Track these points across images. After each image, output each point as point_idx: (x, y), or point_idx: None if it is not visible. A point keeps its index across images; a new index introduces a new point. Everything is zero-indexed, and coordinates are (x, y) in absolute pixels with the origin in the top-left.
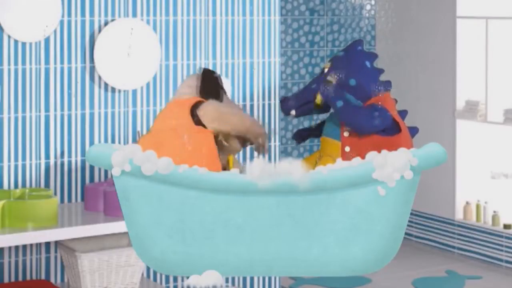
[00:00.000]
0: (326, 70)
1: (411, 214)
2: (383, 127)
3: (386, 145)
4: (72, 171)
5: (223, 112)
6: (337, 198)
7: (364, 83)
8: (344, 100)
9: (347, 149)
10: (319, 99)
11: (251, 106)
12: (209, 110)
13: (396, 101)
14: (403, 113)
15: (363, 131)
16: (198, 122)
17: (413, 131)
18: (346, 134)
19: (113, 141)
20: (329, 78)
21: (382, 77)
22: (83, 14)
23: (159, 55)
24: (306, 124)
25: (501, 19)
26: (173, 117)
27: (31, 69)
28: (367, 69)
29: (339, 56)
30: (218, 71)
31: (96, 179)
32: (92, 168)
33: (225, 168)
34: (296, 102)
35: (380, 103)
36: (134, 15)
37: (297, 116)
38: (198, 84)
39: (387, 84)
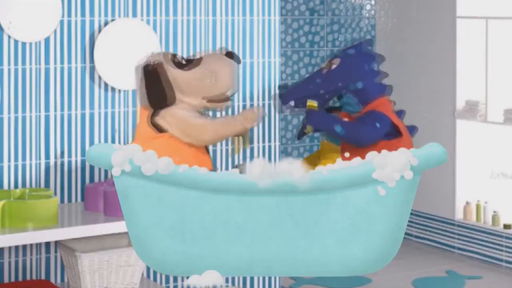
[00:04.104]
0: (334, 66)
1: (411, 214)
2: (385, 133)
3: (387, 149)
4: (72, 171)
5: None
6: (337, 198)
7: (369, 87)
8: (340, 123)
9: (347, 154)
10: (309, 129)
11: (251, 106)
12: (174, 125)
13: (394, 103)
14: (400, 113)
15: (367, 144)
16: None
17: (412, 130)
18: (347, 155)
19: (113, 141)
20: (309, 102)
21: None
22: (83, 14)
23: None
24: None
25: (501, 19)
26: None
27: (31, 69)
28: (373, 72)
29: (349, 54)
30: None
31: (96, 179)
32: (92, 168)
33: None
34: (296, 94)
35: (378, 108)
36: (134, 15)
37: (295, 107)
38: (142, 87)
39: (389, 89)
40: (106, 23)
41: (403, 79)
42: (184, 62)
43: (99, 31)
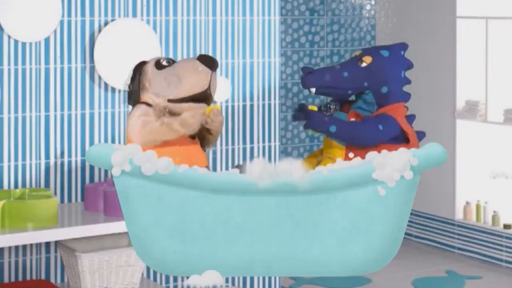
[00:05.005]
0: (364, 64)
1: (411, 214)
2: (390, 137)
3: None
4: (72, 171)
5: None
6: (337, 198)
7: (393, 92)
8: (336, 123)
9: (351, 155)
10: (308, 131)
11: (251, 106)
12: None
13: (407, 108)
14: (411, 118)
15: (368, 145)
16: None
17: (419, 135)
18: (351, 155)
19: (113, 141)
20: (310, 107)
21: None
22: (83, 14)
23: (159, 55)
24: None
25: (501, 19)
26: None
27: (31, 69)
28: (400, 79)
29: (384, 56)
30: (218, 71)
31: (96, 179)
32: (92, 168)
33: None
34: (321, 82)
35: (390, 112)
36: (134, 15)
37: (316, 94)
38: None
39: (407, 96)
40: (106, 23)
41: None
42: (165, 63)
43: (99, 31)
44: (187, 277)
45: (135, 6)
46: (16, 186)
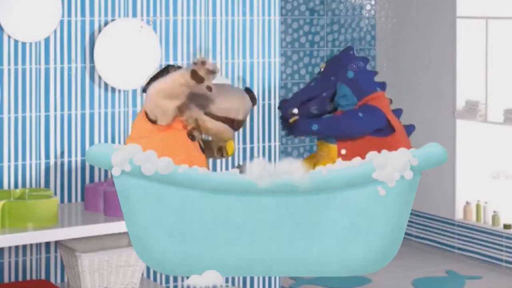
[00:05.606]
0: (322, 69)
1: (411, 214)
2: (376, 127)
3: (382, 145)
4: (72, 171)
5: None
6: (337, 198)
7: (360, 78)
8: (317, 121)
9: (343, 151)
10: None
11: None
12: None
13: (391, 101)
14: (398, 112)
15: (355, 135)
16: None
17: (410, 129)
18: (343, 151)
19: (113, 141)
20: (290, 112)
21: (377, 79)
22: (83, 14)
23: (159, 55)
24: None
25: (501, 19)
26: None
27: (31, 69)
28: (363, 69)
29: (335, 56)
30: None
31: (96, 179)
32: (92, 168)
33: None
34: (297, 101)
35: (372, 101)
36: (134, 15)
37: (299, 114)
38: None
39: (382, 84)
40: (106, 23)
41: (403, 79)
42: None
43: (99, 31)
44: (187, 277)
45: (135, 6)
46: (16, 186)
